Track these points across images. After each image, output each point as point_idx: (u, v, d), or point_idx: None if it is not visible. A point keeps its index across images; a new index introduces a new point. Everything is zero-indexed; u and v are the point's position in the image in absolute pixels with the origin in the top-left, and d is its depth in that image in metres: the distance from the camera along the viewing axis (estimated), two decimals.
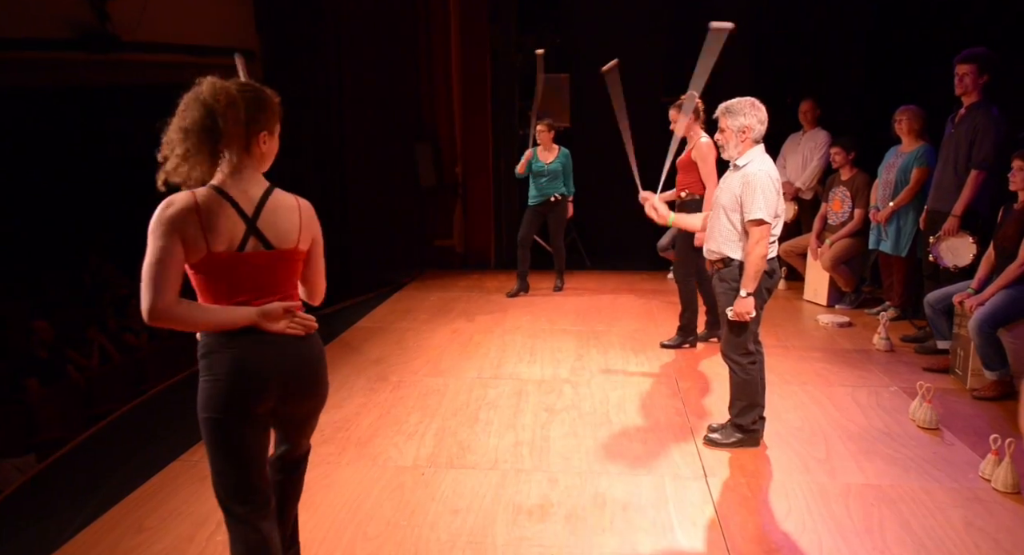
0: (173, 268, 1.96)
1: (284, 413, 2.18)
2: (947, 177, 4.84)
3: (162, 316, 1.95)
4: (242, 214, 2.04)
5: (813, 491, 3.16)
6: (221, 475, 2.10)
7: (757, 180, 3.29)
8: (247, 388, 2.04)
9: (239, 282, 2.05)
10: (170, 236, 1.94)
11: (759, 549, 2.75)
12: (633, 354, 5.08)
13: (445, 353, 5.14)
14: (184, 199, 1.98)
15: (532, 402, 4.21)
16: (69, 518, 3.06)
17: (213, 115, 1.97)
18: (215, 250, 1.99)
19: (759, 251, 3.30)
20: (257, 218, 2.06)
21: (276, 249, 2.08)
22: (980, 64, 4.55)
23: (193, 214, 1.96)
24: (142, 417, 4.53)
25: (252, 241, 2.04)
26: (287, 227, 2.11)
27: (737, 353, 3.46)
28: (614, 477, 3.31)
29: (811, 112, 6.61)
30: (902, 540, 2.78)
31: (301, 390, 2.17)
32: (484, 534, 2.85)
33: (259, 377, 2.05)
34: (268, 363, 2.06)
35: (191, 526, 2.93)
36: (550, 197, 6.63)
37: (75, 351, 6.58)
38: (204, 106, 1.98)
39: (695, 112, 4.90)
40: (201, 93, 2.00)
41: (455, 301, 6.72)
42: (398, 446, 3.63)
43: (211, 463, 2.10)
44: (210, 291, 2.04)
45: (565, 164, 6.65)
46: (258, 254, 2.06)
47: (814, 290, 6.38)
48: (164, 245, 1.94)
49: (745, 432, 3.55)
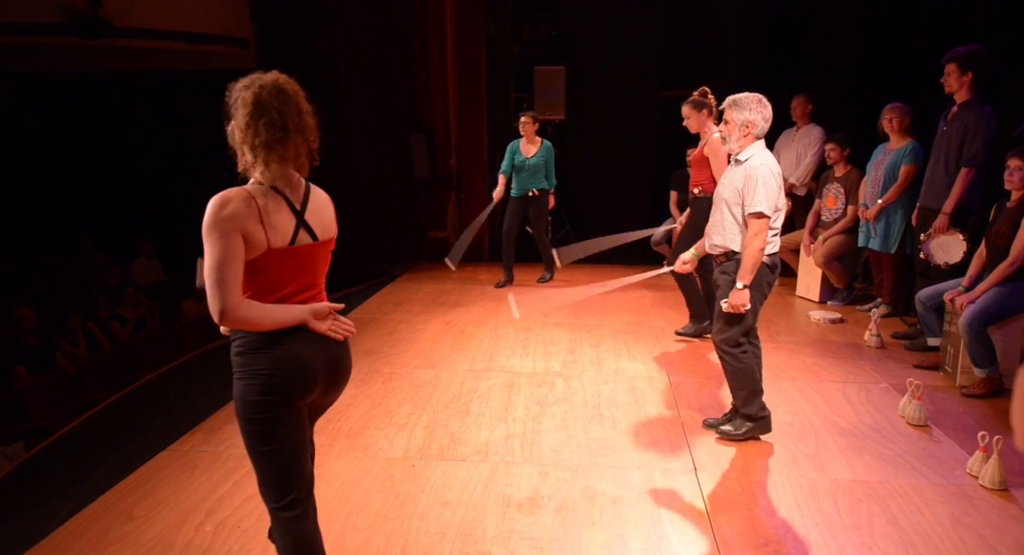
0: (238, 267, 1.94)
1: (314, 404, 2.20)
2: (939, 175, 4.86)
3: (233, 317, 1.94)
4: (292, 207, 2.05)
5: (802, 486, 3.17)
6: (271, 469, 2.09)
7: (759, 173, 3.33)
8: (298, 382, 2.05)
9: (286, 276, 2.06)
10: (232, 235, 1.92)
11: (747, 543, 2.76)
12: (625, 348, 5.09)
13: (437, 345, 5.13)
14: (240, 195, 1.97)
15: (524, 395, 4.21)
16: (57, 506, 3.04)
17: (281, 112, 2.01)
18: (274, 245, 1.99)
19: (757, 244, 3.32)
20: (305, 210, 2.08)
21: (319, 240, 2.11)
22: (960, 62, 4.57)
23: (253, 210, 1.96)
24: (131, 406, 4.51)
25: (301, 233, 2.06)
26: (328, 217, 2.16)
27: (728, 344, 3.48)
28: (604, 470, 3.32)
29: (804, 107, 6.60)
30: (889, 536, 2.79)
31: (337, 384, 2.21)
32: (474, 526, 2.85)
33: (311, 371, 2.07)
34: (318, 358, 2.08)
35: (180, 515, 2.93)
36: (529, 192, 6.59)
37: (63, 339, 6.54)
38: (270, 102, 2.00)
39: (708, 108, 4.91)
40: (275, 88, 2.02)
41: (448, 293, 6.72)
42: (389, 438, 3.63)
43: (260, 460, 2.09)
44: (255, 287, 2.02)
45: (547, 158, 6.60)
46: (305, 247, 2.07)
47: (806, 286, 6.40)
48: (227, 244, 1.92)
49: (755, 420, 3.56)
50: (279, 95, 2.01)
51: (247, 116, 1.98)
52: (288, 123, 2.00)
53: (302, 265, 2.08)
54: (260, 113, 1.98)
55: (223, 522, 2.87)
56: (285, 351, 2.03)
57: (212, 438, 3.65)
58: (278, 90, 2.01)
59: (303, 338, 2.06)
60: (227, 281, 1.92)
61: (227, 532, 2.80)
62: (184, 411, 4.00)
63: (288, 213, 2.03)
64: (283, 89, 2.02)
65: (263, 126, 1.97)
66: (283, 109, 1.99)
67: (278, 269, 2.03)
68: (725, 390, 3.83)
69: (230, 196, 1.96)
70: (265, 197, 2.00)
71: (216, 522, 2.87)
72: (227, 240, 1.92)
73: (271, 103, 1.98)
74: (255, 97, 1.99)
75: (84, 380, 5.95)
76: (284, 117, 1.99)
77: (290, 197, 2.05)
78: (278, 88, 2.01)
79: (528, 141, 6.58)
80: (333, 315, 2.12)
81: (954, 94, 4.70)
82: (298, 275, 2.08)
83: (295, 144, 2.02)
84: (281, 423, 2.05)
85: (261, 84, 2.01)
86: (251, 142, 1.98)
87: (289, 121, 2.00)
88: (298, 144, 2.03)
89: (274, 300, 2.05)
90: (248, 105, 1.99)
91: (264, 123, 1.97)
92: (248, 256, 1.96)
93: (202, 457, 3.44)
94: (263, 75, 2.05)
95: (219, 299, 1.92)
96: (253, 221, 1.95)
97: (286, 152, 2.01)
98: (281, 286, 2.05)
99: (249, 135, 1.98)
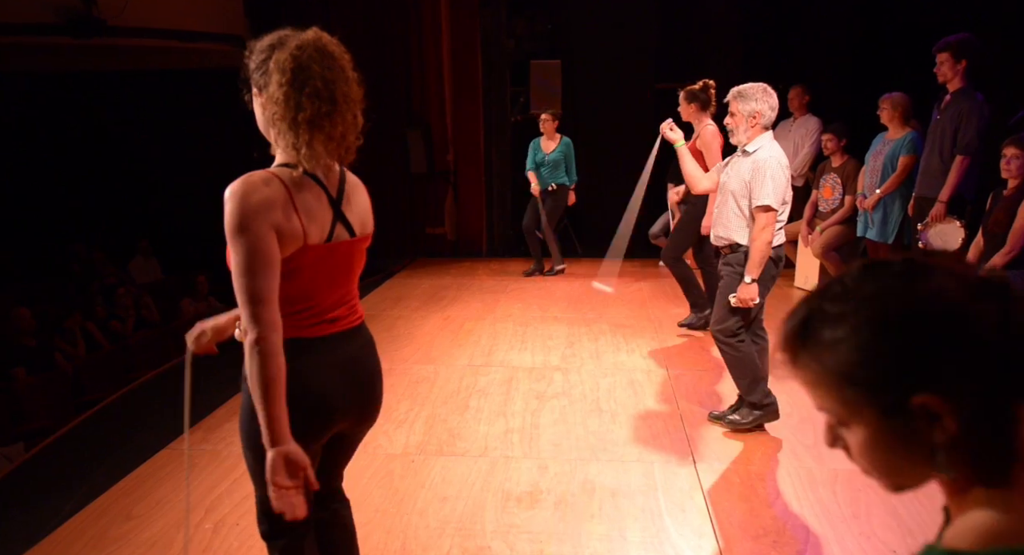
0: (275, 273, 1.55)
1: (344, 436, 1.88)
2: (933, 163, 4.85)
3: (266, 344, 1.53)
4: (329, 196, 1.68)
5: (801, 477, 3.17)
6: (266, 502, 1.72)
7: (767, 166, 3.28)
8: (315, 423, 1.71)
9: (322, 281, 1.69)
10: (266, 232, 1.54)
11: (746, 534, 2.76)
12: (624, 341, 5.09)
13: (436, 341, 5.13)
14: (267, 179, 1.59)
15: (522, 389, 4.21)
16: (57, 506, 3.04)
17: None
18: (310, 242, 1.62)
19: (764, 237, 3.29)
20: (341, 201, 1.71)
21: (357, 236, 1.75)
22: (954, 51, 4.57)
23: (284, 197, 1.58)
24: (130, 405, 4.51)
25: (339, 228, 1.69)
26: (364, 208, 1.79)
27: (725, 334, 3.47)
28: (603, 464, 3.32)
29: (801, 98, 6.59)
30: (888, 525, 2.79)
31: (367, 415, 1.88)
32: (473, 521, 2.86)
33: (326, 407, 1.72)
34: (337, 391, 1.73)
35: (179, 514, 2.92)
36: (548, 187, 6.75)
37: (62, 339, 6.54)
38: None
39: (699, 101, 4.88)
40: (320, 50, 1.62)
41: (446, 289, 6.71)
42: (388, 434, 3.63)
43: (259, 485, 1.75)
44: (282, 294, 1.61)
45: (566, 153, 6.75)
46: (343, 244, 1.70)
47: (805, 277, 6.40)
48: (262, 245, 1.53)
49: (761, 408, 3.54)
50: (323, 58, 1.60)
51: (286, 85, 1.57)
52: (336, 93, 1.61)
53: (339, 267, 1.73)
54: (302, 82, 1.57)
55: (222, 520, 2.87)
56: (305, 385, 1.66)
57: (211, 436, 3.65)
58: (321, 52, 1.60)
59: (328, 365, 1.72)
60: (265, 293, 1.53)
61: (227, 530, 2.81)
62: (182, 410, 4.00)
63: (325, 203, 1.67)
64: (328, 50, 1.62)
65: (306, 98, 1.57)
66: (328, 76, 1.59)
67: (314, 272, 1.66)
68: (724, 382, 3.84)
69: (254, 182, 1.57)
70: (298, 181, 1.62)
71: (215, 520, 2.88)
72: (260, 240, 1.53)
73: (314, 69, 1.58)
74: (294, 61, 1.57)
75: (83, 380, 5.95)
76: (331, 86, 1.60)
77: (325, 182, 1.68)
78: (321, 49, 1.61)
79: (548, 138, 6.77)
80: (305, 473, 1.58)
81: (947, 83, 4.70)
82: (335, 280, 1.73)
83: (343, 120, 1.63)
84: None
85: (300, 44, 1.59)
86: (292, 118, 1.58)
87: (337, 91, 1.61)
88: (347, 120, 1.64)
89: (305, 312, 1.67)
90: (286, 71, 1.57)
91: (308, 94, 1.57)
92: (281, 254, 1.59)
93: (201, 455, 3.44)
94: (298, 32, 1.63)
95: (257, 320, 1.52)
96: (286, 211, 1.57)
97: (334, 130, 1.62)
98: (315, 292, 1.69)
99: (290, 109, 1.58)
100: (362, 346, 1.83)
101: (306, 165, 1.62)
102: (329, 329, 1.73)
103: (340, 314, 1.76)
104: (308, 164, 1.62)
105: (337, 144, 1.65)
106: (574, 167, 6.81)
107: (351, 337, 1.79)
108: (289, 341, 1.62)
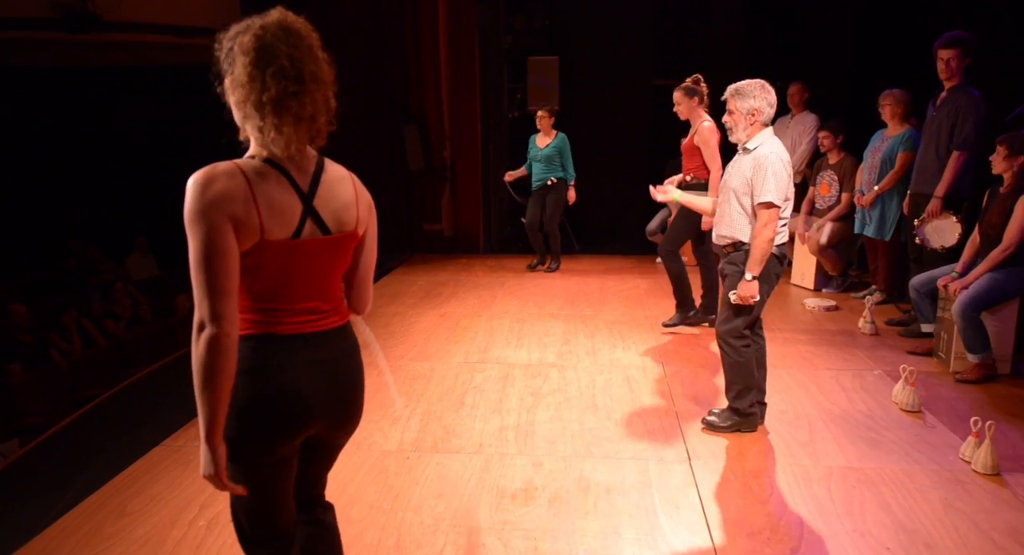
0: (231, 265, 1.51)
1: (320, 441, 1.82)
2: (929, 160, 4.85)
3: (216, 336, 1.49)
4: (297, 189, 1.60)
5: (795, 474, 3.18)
6: (239, 506, 1.78)
7: (769, 162, 3.26)
8: (283, 417, 1.66)
9: (287, 280, 1.62)
10: (222, 223, 1.49)
11: (741, 531, 2.76)
12: (620, 338, 5.09)
13: (432, 337, 5.13)
14: (229, 171, 1.54)
15: (518, 386, 4.21)
16: (51, 502, 3.04)
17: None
18: (271, 236, 1.56)
19: (766, 234, 3.27)
20: (314, 193, 1.63)
21: (333, 234, 1.66)
22: (964, 48, 4.56)
23: (243, 188, 1.52)
24: (125, 402, 4.50)
25: (309, 224, 1.61)
26: (345, 202, 1.68)
27: (731, 336, 3.45)
28: (598, 461, 3.32)
29: (801, 95, 6.58)
30: (882, 522, 2.80)
31: (346, 422, 1.81)
32: (468, 518, 2.85)
33: (298, 405, 1.66)
34: (309, 389, 1.67)
35: (173, 511, 2.92)
36: (547, 181, 6.78)
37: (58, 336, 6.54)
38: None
39: (699, 95, 4.89)
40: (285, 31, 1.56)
41: (443, 285, 6.70)
42: (383, 430, 3.63)
43: (235, 498, 1.75)
44: (245, 292, 1.59)
45: (561, 149, 6.77)
46: (313, 242, 1.62)
47: (801, 274, 6.40)
48: (215, 237, 1.49)
49: (742, 416, 3.54)
50: (288, 37, 1.55)
51: (249, 65, 1.52)
52: (303, 72, 1.55)
53: (309, 267, 1.64)
54: (266, 61, 1.52)
55: (216, 517, 2.86)
56: (275, 383, 1.62)
57: None
58: (286, 31, 1.55)
59: (304, 364, 1.66)
60: (218, 284, 1.49)
61: (220, 527, 2.80)
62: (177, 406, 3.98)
63: (292, 195, 1.59)
64: (292, 29, 1.56)
65: (271, 77, 1.52)
66: (296, 55, 1.54)
67: (278, 268, 1.60)
68: (719, 379, 3.84)
69: (215, 173, 1.53)
70: (262, 173, 1.56)
71: (209, 517, 2.87)
72: (215, 231, 1.49)
73: (279, 48, 1.53)
74: (257, 41, 1.53)
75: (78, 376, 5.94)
76: (298, 65, 1.54)
77: (294, 174, 1.61)
78: (285, 28, 1.56)
79: (544, 134, 6.82)
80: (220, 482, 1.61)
81: (947, 80, 4.69)
82: (305, 280, 1.64)
83: (312, 101, 1.57)
84: (259, 466, 1.69)
85: (263, 24, 1.55)
86: (257, 99, 1.53)
87: (305, 69, 1.55)
88: (316, 100, 1.58)
89: (275, 310, 1.62)
90: (249, 52, 1.52)
91: (272, 73, 1.52)
92: (239, 247, 1.54)
93: (196, 452, 3.40)
94: (262, 15, 1.58)
95: (214, 313, 1.49)
96: (244, 203, 1.52)
97: (302, 111, 1.56)
98: (284, 290, 1.62)
99: (255, 90, 1.53)
100: (343, 350, 1.76)
101: (274, 150, 1.56)
102: (303, 328, 1.67)
103: (316, 314, 1.69)
104: (276, 148, 1.56)
105: (308, 126, 1.59)
106: (571, 163, 6.82)
107: (330, 338, 1.72)
108: (261, 336, 1.61)
